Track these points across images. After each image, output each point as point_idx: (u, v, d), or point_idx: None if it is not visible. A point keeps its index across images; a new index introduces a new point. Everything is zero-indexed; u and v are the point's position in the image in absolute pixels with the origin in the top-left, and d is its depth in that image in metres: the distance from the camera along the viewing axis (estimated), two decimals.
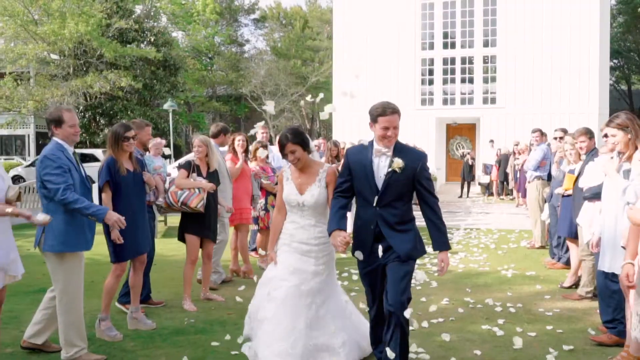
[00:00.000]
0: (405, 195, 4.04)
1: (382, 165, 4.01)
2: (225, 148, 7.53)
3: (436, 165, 23.55)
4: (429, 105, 24.71)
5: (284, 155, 4.37)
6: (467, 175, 19.86)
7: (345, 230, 4.03)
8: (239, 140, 7.36)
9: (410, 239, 4.04)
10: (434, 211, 4.03)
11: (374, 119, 4.02)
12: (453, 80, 24.76)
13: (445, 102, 24.89)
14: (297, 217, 4.37)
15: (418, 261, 4.42)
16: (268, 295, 4.29)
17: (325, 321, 4.28)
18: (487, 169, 20.49)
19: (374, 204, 3.99)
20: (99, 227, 4.85)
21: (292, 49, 37.37)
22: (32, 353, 4.69)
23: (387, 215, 4.00)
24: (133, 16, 27.14)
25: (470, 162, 19.86)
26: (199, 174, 6.18)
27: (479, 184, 21.25)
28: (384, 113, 3.96)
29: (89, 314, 5.75)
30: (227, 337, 5.02)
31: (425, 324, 5.42)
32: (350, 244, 4.17)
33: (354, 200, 4.39)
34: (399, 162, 3.92)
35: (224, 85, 37.14)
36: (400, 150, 4.04)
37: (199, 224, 6.15)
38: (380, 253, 4.03)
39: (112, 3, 26.20)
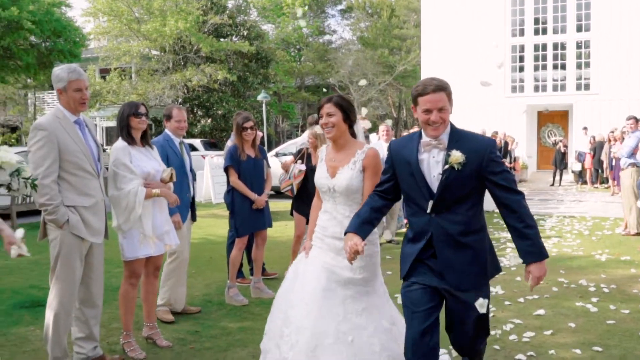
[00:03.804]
0: (470, 196, 3.08)
1: (435, 161, 3.07)
2: None
3: (527, 153, 23.33)
4: (519, 93, 24.41)
5: (319, 118, 3.66)
6: (560, 163, 19.63)
7: (363, 237, 3.15)
8: None
9: (475, 260, 3.08)
10: (514, 212, 3.01)
11: (414, 101, 3.12)
12: (544, 67, 24.32)
13: (536, 89, 24.51)
14: (330, 205, 3.65)
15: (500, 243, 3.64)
16: (288, 294, 3.68)
17: (367, 329, 3.45)
18: (580, 157, 20.15)
19: (428, 211, 3.08)
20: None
21: (379, 38, 37.66)
22: (175, 314, 5.48)
23: (447, 223, 3.06)
24: (226, 12, 28.33)
25: (562, 149, 19.60)
26: (309, 162, 6.82)
27: (572, 171, 20.93)
28: (424, 91, 3.03)
29: (215, 284, 6.62)
30: None
31: (521, 299, 5.82)
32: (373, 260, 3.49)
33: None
34: (457, 156, 2.98)
35: (312, 75, 37.96)
36: (457, 139, 3.07)
37: (303, 205, 6.83)
38: (436, 274, 3.11)
39: (207, 0, 27.45)
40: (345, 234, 3.21)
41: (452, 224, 3.06)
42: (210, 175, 15.33)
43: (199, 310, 5.58)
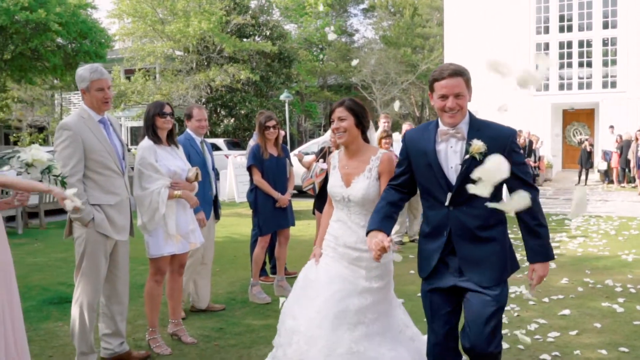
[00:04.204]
0: None
1: (453, 151, 2.95)
2: None
3: (552, 152, 23.06)
4: (544, 91, 24.14)
5: (331, 122, 3.55)
6: (586, 162, 19.39)
7: (387, 232, 3.01)
8: None
9: (494, 255, 2.95)
10: (528, 208, 2.84)
11: (430, 87, 3.00)
12: (570, 65, 24.03)
13: (561, 87, 24.22)
14: (344, 214, 3.51)
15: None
16: (298, 301, 3.53)
17: (376, 339, 3.39)
18: (606, 156, 19.86)
19: (447, 204, 2.96)
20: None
21: (402, 37, 37.49)
22: (200, 312, 5.55)
23: (465, 217, 2.94)
24: (249, 12, 28.47)
25: (588, 148, 19.34)
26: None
27: (598, 171, 20.63)
28: (440, 76, 2.90)
29: (239, 282, 6.67)
30: None
31: (546, 299, 5.77)
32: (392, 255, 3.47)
33: None
34: (478, 146, 2.85)
35: (335, 74, 37.97)
36: (477, 127, 2.94)
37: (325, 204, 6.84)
38: (453, 270, 3.01)
39: (230, 0, 27.62)
40: (367, 232, 3.05)
41: (471, 218, 2.93)
42: (233, 174, 15.45)
43: (223, 307, 5.64)
